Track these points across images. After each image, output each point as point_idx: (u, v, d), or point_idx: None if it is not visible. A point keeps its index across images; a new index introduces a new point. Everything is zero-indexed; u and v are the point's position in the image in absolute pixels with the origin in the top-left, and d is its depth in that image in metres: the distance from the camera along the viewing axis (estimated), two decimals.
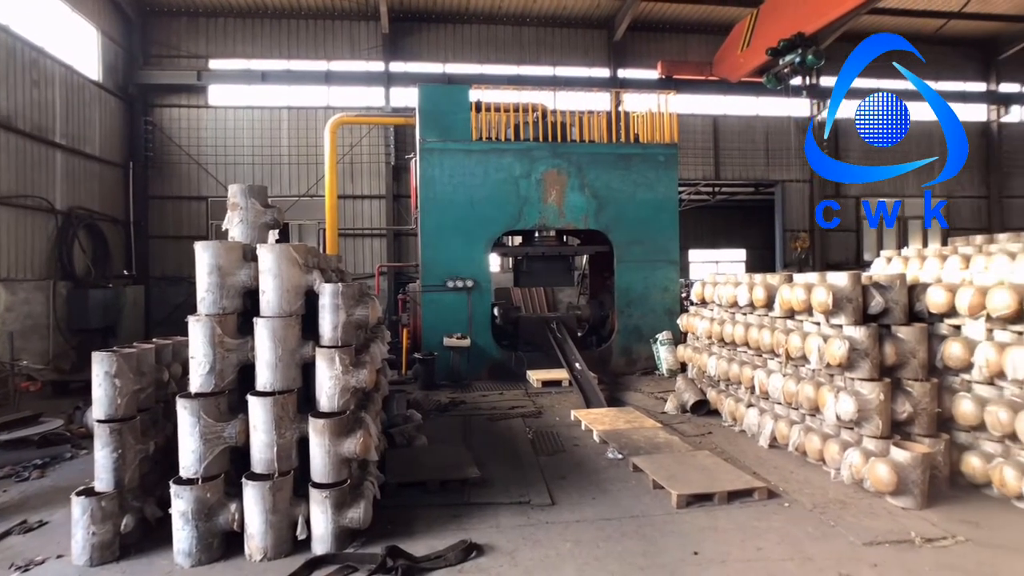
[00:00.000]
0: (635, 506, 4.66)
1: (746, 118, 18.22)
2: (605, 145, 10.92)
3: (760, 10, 13.94)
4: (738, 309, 6.84)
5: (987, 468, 4.68)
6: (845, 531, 4.17)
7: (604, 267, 11.56)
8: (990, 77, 19.20)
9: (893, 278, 5.21)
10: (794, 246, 18.05)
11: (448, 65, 16.88)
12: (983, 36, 18.59)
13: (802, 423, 5.69)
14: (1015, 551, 3.91)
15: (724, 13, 16.92)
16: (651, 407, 7.96)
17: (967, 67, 19.21)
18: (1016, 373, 4.40)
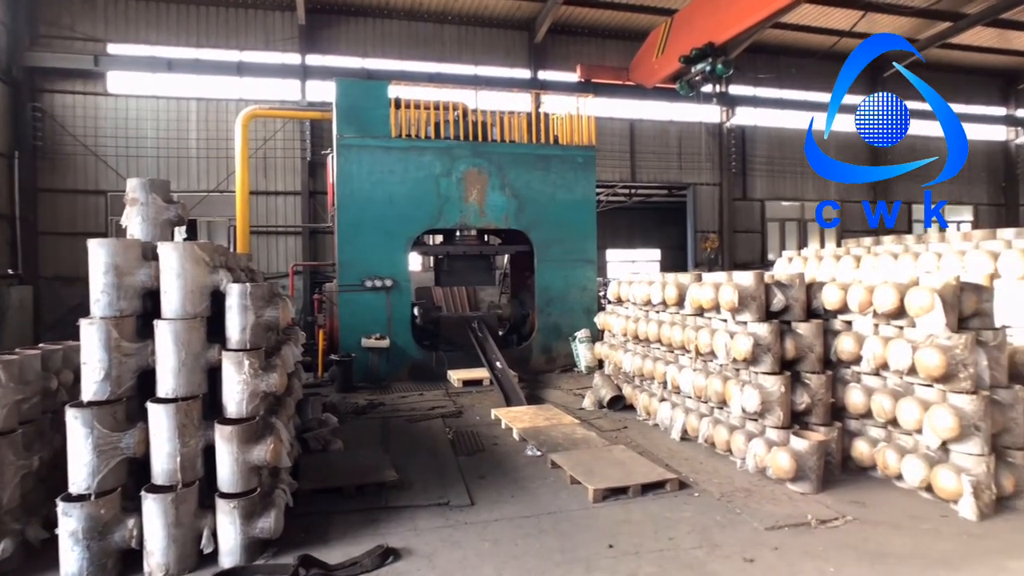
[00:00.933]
0: (553, 502, 4.73)
1: (661, 123, 18.87)
2: (526, 146, 11.02)
3: (674, 19, 14.49)
4: (652, 307, 7.08)
5: (873, 452, 5.07)
6: (750, 517, 4.40)
7: (525, 266, 11.67)
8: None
9: (793, 277, 5.54)
10: (704, 246, 18.86)
11: (368, 60, 16.55)
12: None
13: (711, 416, 5.96)
14: (894, 526, 4.26)
15: (641, 20, 17.46)
16: (570, 404, 8.11)
17: (857, 82, 20.61)
18: (897, 364, 4.77)
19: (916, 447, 4.80)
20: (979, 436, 4.42)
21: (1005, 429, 4.63)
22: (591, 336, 10.25)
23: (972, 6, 17.33)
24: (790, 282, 5.48)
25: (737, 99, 19.19)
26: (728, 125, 19.07)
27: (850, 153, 20.50)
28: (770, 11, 12.08)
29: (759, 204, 19.86)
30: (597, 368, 9.25)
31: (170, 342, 3.82)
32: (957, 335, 4.55)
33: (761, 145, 19.84)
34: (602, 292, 14.61)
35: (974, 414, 4.42)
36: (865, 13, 16.41)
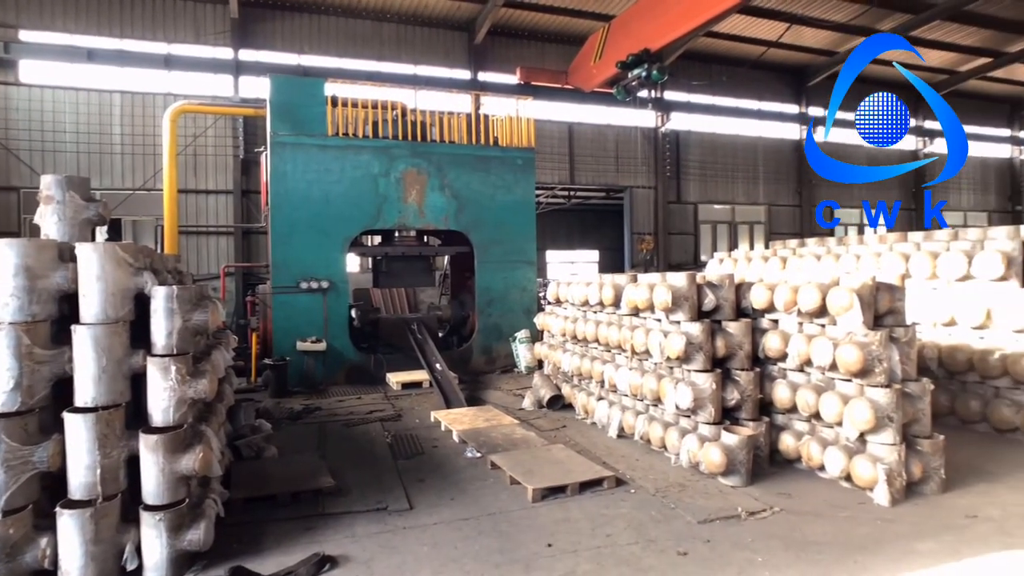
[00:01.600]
0: (493, 503, 4.74)
1: (599, 126, 19.20)
2: (465, 147, 11.00)
3: (611, 25, 14.76)
4: (589, 308, 7.19)
5: (798, 445, 5.31)
6: (684, 512, 4.53)
7: (465, 267, 11.65)
8: (801, 100, 21.79)
9: (723, 278, 5.74)
10: (641, 248, 19.31)
11: (304, 57, 16.15)
12: (796, 65, 21.06)
13: (646, 413, 6.11)
14: (816, 515, 4.48)
15: (579, 25, 17.70)
16: (510, 404, 8.14)
17: (784, 91, 21.67)
18: (820, 360, 5.02)
19: (837, 439, 5.06)
20: (892, 427, 4.70)
21: (914, 419, 4.94)
22: (531, 337, 10.32)
23: (885, 23, 18.40)
24: (721, 283, 5.68)
25: (672, 105, 19.73)
26: (663, 130, 19.58)
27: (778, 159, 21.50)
28: (702, 19, 12.47)
29: (692, 207, 20.48)
30: (537, 368, 9.33)
31: (90, 348, 3.62)
32: (873, 332, 4.82)
33: (694, 150, 20.47)
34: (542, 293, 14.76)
35: (888, 406, 4.70)
36: (790, 25, 17.16)
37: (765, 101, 21.30)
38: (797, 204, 21.99)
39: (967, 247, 6.66)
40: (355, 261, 16.72)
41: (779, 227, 21.63)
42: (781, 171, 21.77)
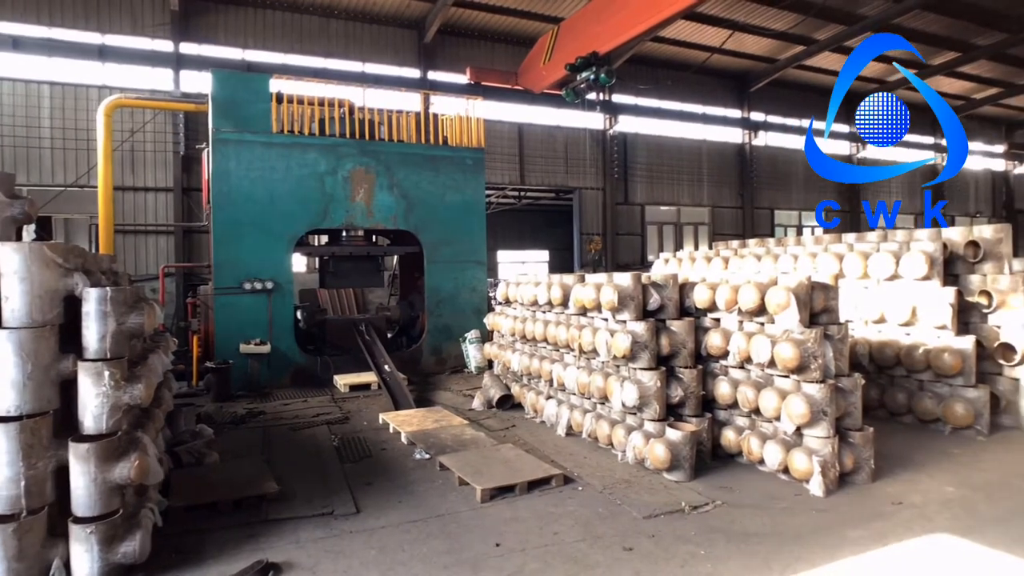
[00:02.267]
0: (441, 505, 4.73)
1: (548, 127, 19.34)
2: (415, 146, 10.92)
3: (560, 27, 14.90)
4: (538, 308, 7.25)
5: (739, 440, 5.49)
6: (630, 508, 4.62)
7: (414, 267, 11.56)
8: (744, 106, 22.48)
9: (667, 278, 5.88)
10: (589, 248, 19.56)
11: (248, 52, 15.70)
12: (739, 71, 21.71)
13: (594, 411, 6.20)
14: (756, 507, 4.64)
15: (529, 26, 17.80)
16: (460, 405, 8.13)
17: (727, 96, 22.31)
18: (759, 357, 5.20)
19: (775, 433, 5.25)
20: (826, 420, 4.91)
21: (847, 413, 5.17)
22: (481, 337, 10.33)
23: (821, 33, 19.16)
24: (665, 283, 5.81)
25: (620, 107, 20.05)
26: (611, 132, 19.88)
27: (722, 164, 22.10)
28: (649, 24, 12.70)
29: (639, 208, 20.87)
30: (487, 368, 9.34)
31: (13, 353, 3.44)
32: (809, 330, 5.02)
33: (641, 152, 20.86)
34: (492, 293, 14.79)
35: (822, 401, 4.90)
36: (732, 32, 17.68)
37: (709, 105, 21.87)
38: (739, 206, 22.67)
39: (895, 248, 7.00)
40: (302, 261, 16.39)
41: (722, 228, 22.25)
42: (724, 174, 22.40)
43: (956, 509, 4.59)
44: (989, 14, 18.64)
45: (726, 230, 22.18)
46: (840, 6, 17.14)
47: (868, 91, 23.58)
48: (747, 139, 22.64)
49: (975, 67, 22.85)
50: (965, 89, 25.32)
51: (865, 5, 17.37)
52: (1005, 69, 23.35)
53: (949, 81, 24.09)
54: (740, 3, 16.95)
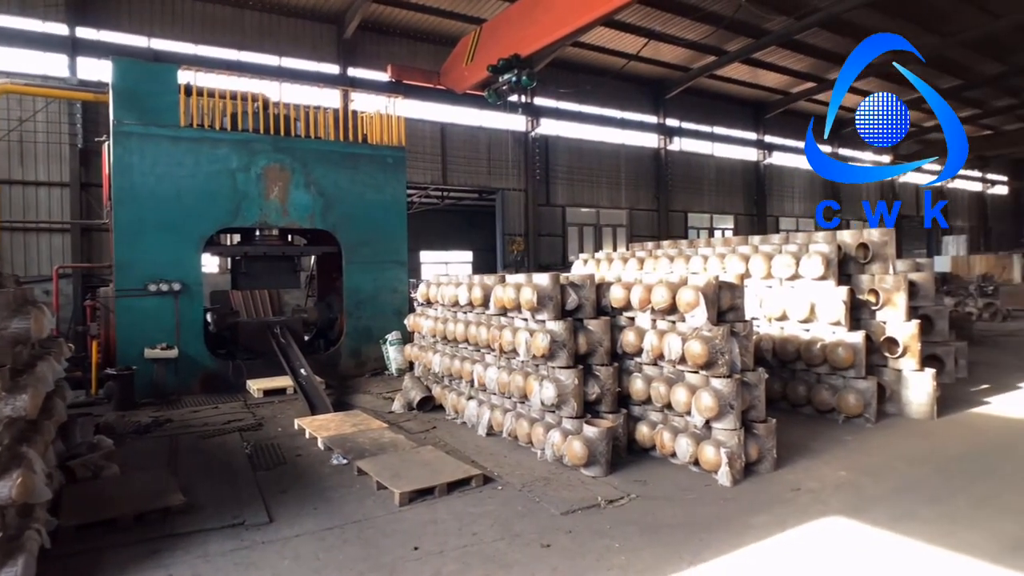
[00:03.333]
0: (358, 510, 4.64)
1: (471, 128, 19.36)
2: (333, 143, 10.66)
3: (483, 28, 14.93)
4: (459, 308, 7.24)
5: (652, 434, 5.68)
6: (548, 505, 4.69)
7: (333, 268, 11.28)
8: (659, 112, 23.30)
9: (585, 278, 6.01)
10: (511, 249, 19.72)
11: (155, 41, 14.86)
12: (656, 78, 22.49)
13: (514, 410, 6.25)
14: (668, 499, 4.82)
15: (452, 26, 17.75)
16: (379, 408, 8.00)
17: (644, 102, 23.06)
18: (670, 354, 5.40)
19: (686, 427, 5.46)
20: (733, 413, 5.16)
21: (751, 406, 5.45)
22: (402, 338, 10.20)
23: (731, 44, 20.13)
24: (582, 283, 5.94)
25: (541, 110, 20.34)
26: (533, 135, 20.13)
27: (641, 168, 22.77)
28: (569, 29, 12.92)
29: (561, 210, 21.25)
30: (408, 370, 9.24)
31: None
32: (717, 327, 5.26)
33: (563, 155, 21.23)
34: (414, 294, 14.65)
35: (729, 394, 5.14)
36: (649, 41, 18.30)
37: (627, 111, 22.54)
38: (655, 209, 23.48)
39: (795, 250, 7.44)
40: (214, 262, 15.68)
41: (640, 229, 22.98)
42: (641, 178, 23.14)
43: (847, 492, 4.93)
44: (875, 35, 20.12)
45: (643, 231, 22.92)
46: (748, 20, 18.05)
47: (773, 101, 25.19)
48: (663, 144, 23.47)
49: (866, 83, 24.55)
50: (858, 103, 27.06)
51: (770, 21, 18.37)
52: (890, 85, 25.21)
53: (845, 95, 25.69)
54: (656, 13, 17.56)
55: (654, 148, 23.46)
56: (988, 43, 21.40)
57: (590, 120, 21.71)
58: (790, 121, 27.47)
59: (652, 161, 23.41)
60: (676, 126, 23.87)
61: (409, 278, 11.99)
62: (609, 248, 22.07)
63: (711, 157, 25.54)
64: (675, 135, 23.84)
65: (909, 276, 7.91)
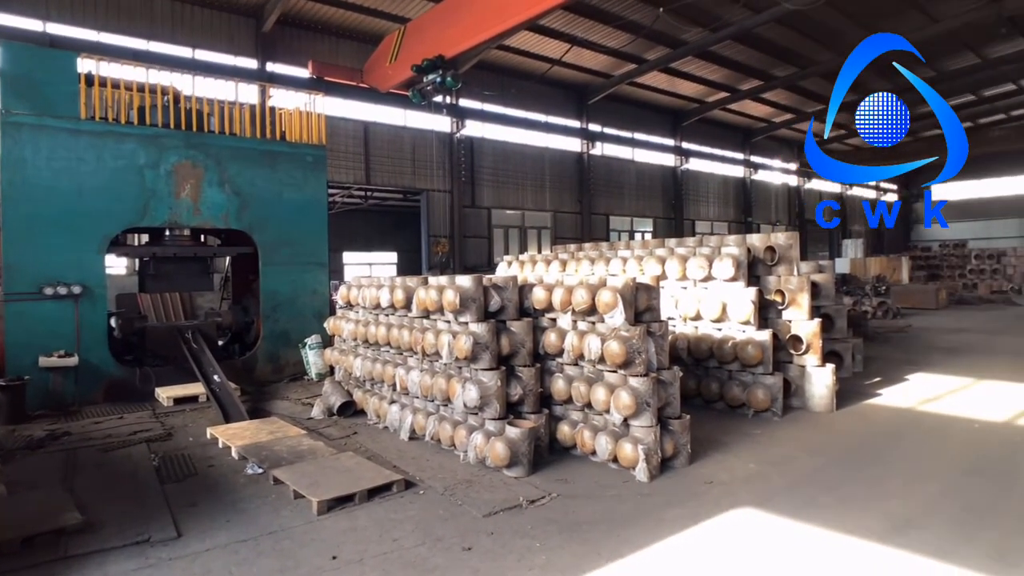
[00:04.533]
0: (274, 521, 4.49)
1: (395, 128, 19.13)
2: (250, 140, 10.25)
3: (407, 28, 14.78)
4: (381, 310, 7.14)
5: (573, 433, 5.79)
6: (470, 507, 4.69)
7: (249, 270, 10.85)
8: (583, 117, 23.79)
9: (508, 280, 6.05)
10: (436, 250, 19.62)
11: (52, 25, 13.86)
12: (579, 83, 22.95)
13: (437, 413, 6.23)
14: (588, 497, 4.93)
15: (375, 24, 17.48)
16: (298, 414, 7.77)
17: (568, 107, 23.48)
18: (590, 354, 5.52)
19: (606, 425, 5.60)
20: (649, 411, 5.33)
21: (667, 403, 5.64)
22: (322, 342, 9.94)
23: (651, 53, 20.81)
24: (505, 284, 5.98)
25: (466, 112, 20.34)
26: (458, 136, 20.10)
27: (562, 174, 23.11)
28: (493, 32, 13.00)
29: (486, 211, 21.33)
30: (329, 375, 9.02)
31: None
32: (634, 328, 5.42)
33: (488, 156, 21.32)
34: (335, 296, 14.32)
35: (646, 393, 5.31)
36: (572, 47, 18.65)
37: (552, 115, 22.89)
38: (579, 211, 23.95)
39: (708, 252, 7.77)
40: (122, 263, 14.79)
41: (564, 232, 23.38)
42: (565, 181, 23.55)
43: (756, 483, 5.20)
44: (783, 50, 21.38)
45: (567, 234, 23.33)
46: (666, 31, 18.71)
47: (690, 109, 26.23)
48: (585, 149, 23.98)
49: (774, 95, 26.09)
50: (767, 113, 28.81)
51: (687, 32, 19.12)
52: (797, 98, 26.92)
53: (755, 105, 27.29)
54: (579, 19, 17.92)
55: (577, 152, 23.93)
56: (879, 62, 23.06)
57: (515, 123, 21.90)
58: (706, 129, 28.72)
59: (576, 165, 23.88)
60: (598, 131, 24.44)
61: (331, 280, 11.71)
62: (534, 250, 22.31)
63: (632, 162, 26.32)
64: (597, 140, 24.41)
65: (812, 277, 8.44)
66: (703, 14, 17.71)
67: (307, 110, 10.94)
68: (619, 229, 25.98)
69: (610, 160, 25.39)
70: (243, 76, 15.53)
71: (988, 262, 28.62)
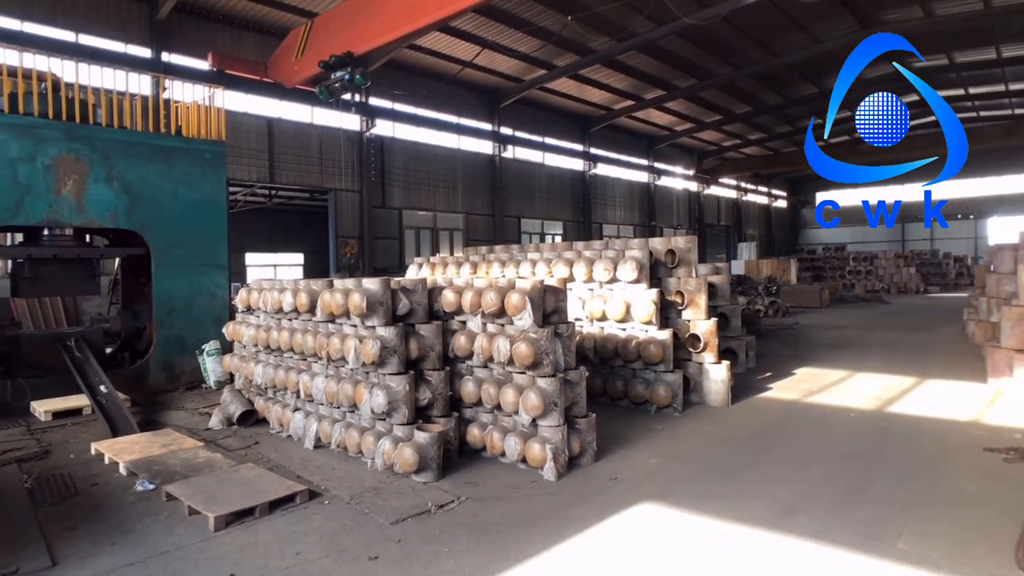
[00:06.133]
0: (166, 541, 4.22)
1: (302, 125, 18.52)
2: (141, 134, 9.60)
3: (314, 23, 14.34)
4: (284, 315, 6.88)
5: (483, 435, 5.82)
6: (377, 515, 4.61)
7: (140, 272, 10.16)
8: (494, 120, 23.95)
9: (417, 283, 6.00)
10: (345, 251, 19.14)
11: None
12: (491, 87, 23.07)
13: (343, 420, 6.07)
14: (497, 498, 4.97)
15: (280, 17, 16.84)
16: (195, 425, 7.35)
17: (480, 109, 23.57)
18: (500, 356, 5.57)
19: (515, 426, 5.66)
20: (557, 411, 5.44)
21: (574, 402, 5.78)
22: (222, 348, 9.46)
23: (560, 60, 21.24)
24: (414, 287, 5.93)
25: (376, 111, 19.98)
26: (368, 135, 19.71)
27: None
28: (404, 32, 12.86)
29: (397, 212, 21.05)
30: (228, 382, 8.60)
31: None
32: (542, 329, 5.51)
33: (399, 157, 21.04)
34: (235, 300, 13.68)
35: (554, 393, 5.42)
36: (483, 49, 18.75)
37: (464, 117, 22.89)
38: (491, 214, 24.09)
39: (613, 255, 8.03)
40: None
41: (476, 234, 23.45)
42: (477, 183, 23.63)
43: (658, 477, 5.42)
44: (684, 62, 22.42)
45: (479, 235, 23.41)
46: (575, 38, 19.16)
47: (598, 116, 26.97)
48: (497, 151, 24.16)
49: (676, 104, 27.30)
50: (670, 122, 30.11)
51: (594, 40, 19.67)
52: (697, 108, 28.31)
53: (659, 114, 28.45)
54: (491, 23, 18.03)
55: (489, 155, 24.07)
56: (770, 77, 24.73)
57: (427, 124, 21.74)
58: (613, 135, 29.64)
59: (488, 167, 24.00)
60: (510, 134, 24.68)
61: (233, 282, 11.17)
62: (446, 252, 22.24)
63: (543, 166, 26.76)
64: (509, 143, 24.65)
65: (709, 279, 8.90)
66: (610, 24, 18.27)
67: (206, 104, 10.39)
68: (530, 232, 26.34)
69: (521, 163, 25.71)
70: (135, 65, 14.50)
71: (864, 264, 31.32)
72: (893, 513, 4.53)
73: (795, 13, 17.82)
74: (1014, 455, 5.75)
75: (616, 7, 16.73)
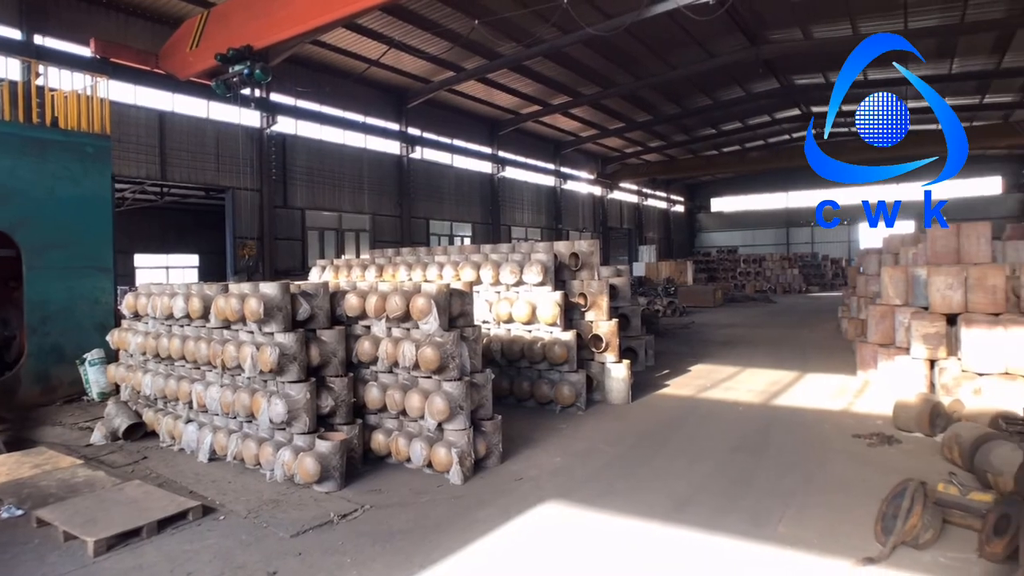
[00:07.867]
0: (36, 571, 3.89)
1: (197, 119, 17.51)
2: (10, 124, 8.85)
3: (211, 13, 13.63)
4: (175, 321, 6.51)
5: (388, 442, 5.76)
6: (276, 529, 4.46)
7: (10, 276, 9.29)
8: (402, 120, 23.64)
9: (318, 287, 5.85)
10: (243, 253, 18.27)
11: None
12: (398, 86, 22.75)
13: (240, 431, 5.82)
14: (402, 505, 4.94)
15: (172, 4, 15.82)
16: (74, 441, 6.80)
17: (387, 109, 23.19)
18: (405, 361, 5.53)
19: (421, 431, 5.64)
20: (463, 414, 5.47)
21: (480, 405, 5.83)
22: (105, 357, 8.80)
23: (468, 63, 21.28)
24: (315, 291, 5.78)
25: (278, 107, 19.21)
26: (269, 132, 18.92)
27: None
28: (306, 27, 12.49)
29: (300, 212, 20.32)
30: (114, 394, 8.02)
31: None
32: (448, 333, 5.53)
33: (302, 155, 20.34)
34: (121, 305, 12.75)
35: (460, 396, 5.45)
36: (389, 48, 18.47)
37: (371, 116, 22.44)
38: (398, 215, 23.76)
39: (519, 259, 8.16)
40: None
41: (383, 235, 23.05)
42: (384, 183, 23.23)
43: (561, 476, 5.57)
44: (589, 70, 23.07)
45: (386, 237, 23.03)
46: (482, 42, 19.24)
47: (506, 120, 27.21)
48: (405, 152, 23.86)
49: (582, 111, 28.01)
50: (575, 128, 30.84)
51: (502, 45, 19.84)
52: (600, 115, 29.19)
53: (565, 120, 29.08)
54: (399, 23, 17.77)
55: (397, 155, 23.73)
56: (668, 88, 25.91)
57: (331, 122, 21.14)
58: (521, 139, 30.01)
59: (395, 167, 23.66)
60: (418, 135, 24.44)
61: (120, 285, 10.41)
62: (352, 253, 21.75)
63: (451, 167, 26.69)
64: (417, 144, 24.41)
65: (611, 281, 9.23)
66: (517, 30, 18.50)
67: (87, 93, 9.64)
68: (439, 233, 26.20)
69: (430, 165, 25.52)
70: (3, 48, 13.26)
71: (753, 266, 33.49)
72: (775, 500, 4.89)
73: (691, 28, 18.71)
74: (876, 439, 6.36)
75: (523, 14, 16.97)
